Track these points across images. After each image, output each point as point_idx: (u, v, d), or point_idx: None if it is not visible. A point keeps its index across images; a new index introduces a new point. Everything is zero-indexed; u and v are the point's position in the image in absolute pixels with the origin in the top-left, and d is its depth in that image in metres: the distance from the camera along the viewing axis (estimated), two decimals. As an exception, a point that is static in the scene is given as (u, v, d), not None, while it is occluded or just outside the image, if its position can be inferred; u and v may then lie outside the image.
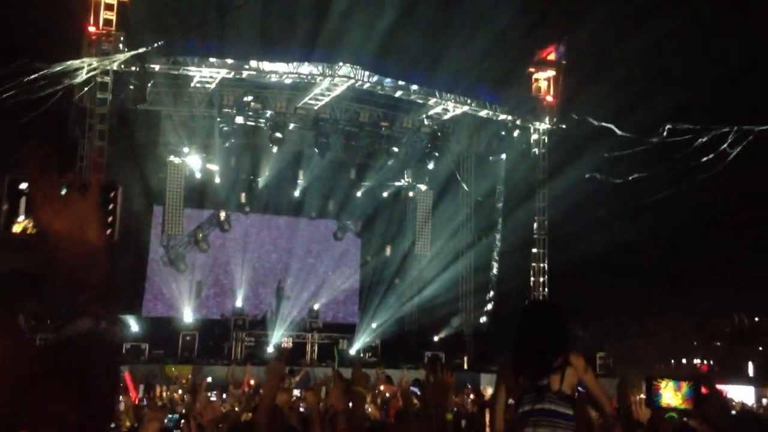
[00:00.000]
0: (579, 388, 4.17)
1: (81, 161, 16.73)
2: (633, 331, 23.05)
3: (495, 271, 23.17)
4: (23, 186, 1.33)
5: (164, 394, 14.41)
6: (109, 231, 1.40)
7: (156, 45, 16.53)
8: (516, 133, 21.49)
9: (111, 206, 1.43)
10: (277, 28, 18.39)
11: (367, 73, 19.11)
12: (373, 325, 22.49)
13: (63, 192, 1.31)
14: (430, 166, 21.75)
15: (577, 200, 20.24)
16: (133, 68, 16.89)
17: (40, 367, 1.14)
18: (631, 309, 22.29)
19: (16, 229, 1.34)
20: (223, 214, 21.39)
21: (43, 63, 14.94)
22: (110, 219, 1.42)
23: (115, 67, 16.74)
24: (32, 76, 14.25)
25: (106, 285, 1.32)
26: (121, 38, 16.73)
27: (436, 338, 23.25)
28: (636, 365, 20.90)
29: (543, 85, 21.53)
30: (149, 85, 17.30)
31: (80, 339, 1.24)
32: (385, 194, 23.44)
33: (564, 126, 21.05)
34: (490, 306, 23.14)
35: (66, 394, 1.14)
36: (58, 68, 15.40)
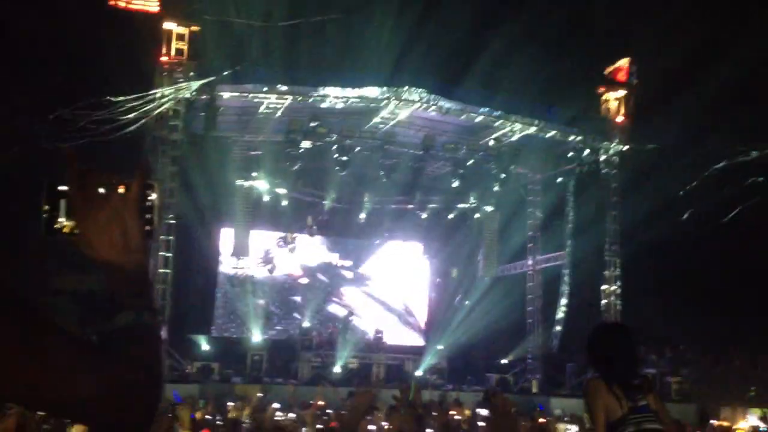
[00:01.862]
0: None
1: (154, 186, 17.21)
2: (711, 357, 22.21)
3: (564, 293, 22.73)
4: (63, 188, 1.34)
5: (233, 412, 14.66)
6: (148, 228, 1.39)
7: (225, 74, 16.96)
8: (585, 154, 21.06)
9: (149, 204, 1.39)
10: (341, 53, 18.59)
11: (432, 96, 19.10)
12: (440, 347, 22.36)
13: (102, 191, 1.35)
14: (496, 187, 21.52)
15: (650, 222, 19.71)
16: (204, 96, 17.35)
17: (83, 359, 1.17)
18: (707, 333, 21.49)
19: (63, 227, 1.35)
20: (290, 236, 21.67)
21: (118, 95, 15.57)
22: (149, 216, 1.39)
23: (186, 95, 17.23)
24: (100, 102, 14.80)
25: (145, 279, 1.36)
26: (192, 67, 17.20)
27: (503, 360, 22.95)
28: (714, 391, 20.13)
29: (613, 105, 21.05)
30: (219, 112, 17.73)
31: (124, 331, 1.28)
32: (451, 216, 23.34)
33: (635, 147, 20.52)
34: (559, 328, 22.70)
35: (112, 382, 1.17)
36: (134, 100, 16.03)
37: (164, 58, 17.00)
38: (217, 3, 16.94)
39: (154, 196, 1.41)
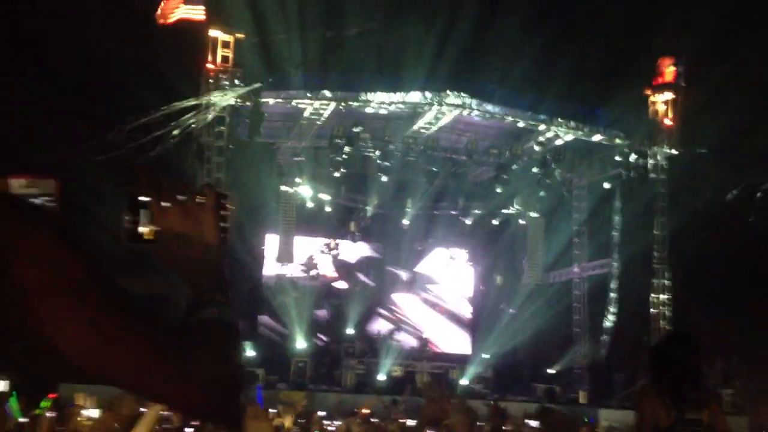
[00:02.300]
0: None
1: (200, 192, 17.47)
2: (764, 368, 21.52)
3: (612, 301, 22.32)
4: (143, 198, 1.41)
5: (276, 419, 14.72)
6: (223, 234, 1.47)
7: (269, 80, 17.22)
8: (632, 158, 20.70)
9: (224, 211, 1.47)
10: (381, 59, 18.68)
11: (474, 100, 19.05)
12: (485, 356, 22.12)
13: (181, 199, 1.42)
14: (541, 193, 21.30)
15: (701, 228, 19.26)
16: (248, 103, 17.60)
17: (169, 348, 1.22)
18: (763, 344, 20.83)
19: (144, 234, 1.42)
20: (333, 242, 21.77)
21: (165, 103, 15.95)
22: (224, 224, 1.47)
23: (231, 101, 17.51)
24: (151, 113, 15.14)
25: (223, 279, 1.44)
26: (237, 74, 17.49)
27: (550, 370, 22.60)
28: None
29: (661, 107, 20.68)
30: (263, 118, 17.96)
31: (208, 324, 1.33)
32: (494, 222, 23.14)
33: (684, 151, 20.11)
34: (607, 338, 22.28)
35: (193, 373, 1.22)
36: (180, 106, 16.38)
37: (210, 66, 17.31)
38: (260, 11, 17.20)
39: (228, 206, 1.48)
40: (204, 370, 1.23)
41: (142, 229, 1.41)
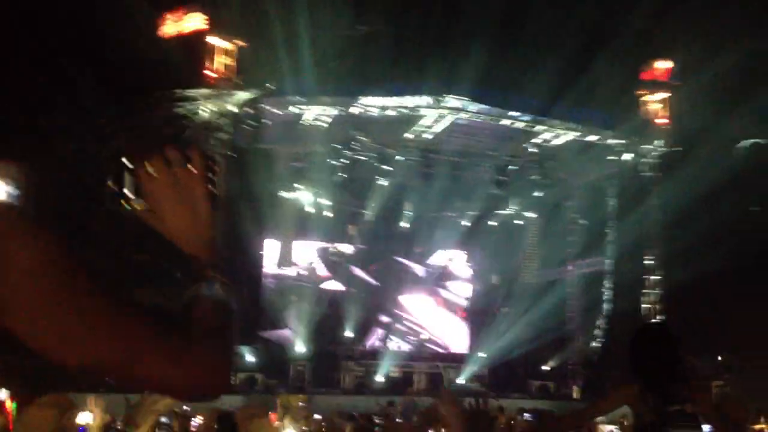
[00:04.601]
0: None
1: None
2: (758, 361, 21.89)
3: (605, 298, 22.60)
4: (126, 162, 1.33)
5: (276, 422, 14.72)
6: (212, 200, 1.39)
7: (268, 86, 17.13)
8: (625, 157, 20.97)
9: (212, 175, 1.38)
10: (379, 63, 18.64)
11: (471, 103, 19.13)
12: (481, 354, 22.30)
13: (167, 167, 1.35)
14: (537, 193, 21.48)
15: (695, 223, 19.50)
16: (248, 110, 17.51)
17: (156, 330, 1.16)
18: (757, 337, 21.18)
19: (134, 205, 1.35)
20: (332, 247, 21.75)
21: (163, 106, 15.73)
22: (212, 188, 1.38)
23: (232, 109, 17.39)
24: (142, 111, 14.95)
25: (215, 252, 1.38)
26: (237, 81, 17.38)
27: (545, 367, 22.86)
28: (758, 397, 19.82)
29: (654, 106, 20.93)
30: (263, 124, 17.90)
31: (198, 302, 1.28)
32: (492, 223, 23.26)
33: (679, 148, 20.36)
34: (600, 333, 22.57)
35: (185, 354, 1.17)
36: (178, 111, 16.18)
37: (210, 73, 17.19)
38: (260, 18, 17.08)
39: (216, 167, 1.40)
40: (197, 350, 1.18)
41: (127, 196, 1.34)
